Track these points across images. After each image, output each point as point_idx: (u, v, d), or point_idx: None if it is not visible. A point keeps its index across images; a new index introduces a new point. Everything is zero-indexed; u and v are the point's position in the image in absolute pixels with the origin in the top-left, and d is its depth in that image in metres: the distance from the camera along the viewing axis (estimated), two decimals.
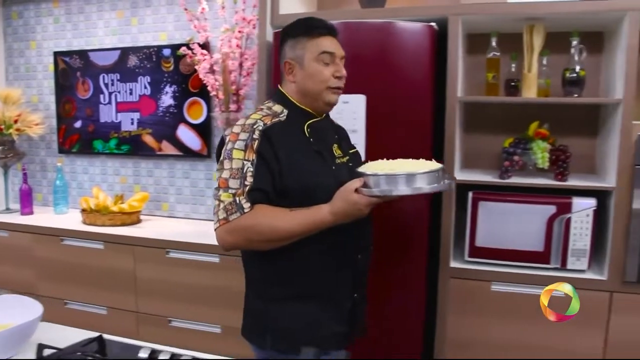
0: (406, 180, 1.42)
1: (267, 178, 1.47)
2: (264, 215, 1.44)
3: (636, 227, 2.14)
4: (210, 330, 2.67)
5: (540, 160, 2.28)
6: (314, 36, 1.59)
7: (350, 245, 1.61)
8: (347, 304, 1.64)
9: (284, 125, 1.55)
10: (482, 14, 2.24)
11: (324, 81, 1.59)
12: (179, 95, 3.02)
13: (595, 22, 2.26)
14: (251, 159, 1.46)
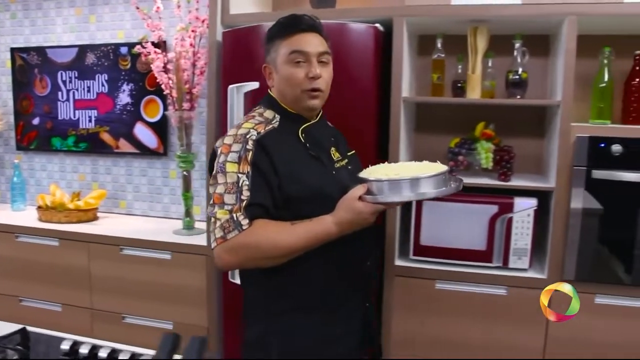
0: (411, 185, 1.35)
1: (264, 191, 1.38)
2: (264, 231, 1.35)
3: (574, 227, 2.17)
4: (162, 326, 2.68)
5: (484, 160, 2.32)
6: (287, 35, 1.48)
7: (357, 254, 1.52)
8: (359, 315, 1.57)
9: (277, 133, 1.45)
10: (427, 15, 2.26)
11: (297, 84, 1.47)
12: (136, 93, 3.01)
13: (539, 25, 2.29)
14: (246, 172, 1.37)
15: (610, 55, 2.24)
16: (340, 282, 1.50)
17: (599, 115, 2.26)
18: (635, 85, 2.29)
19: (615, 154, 2.11)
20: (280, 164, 1.40)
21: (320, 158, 1.50)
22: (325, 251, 1.41)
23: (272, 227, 1.37)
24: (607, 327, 2.20)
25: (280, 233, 1.36)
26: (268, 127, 1.45)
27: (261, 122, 1.46)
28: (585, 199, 2.16)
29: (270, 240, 1.35)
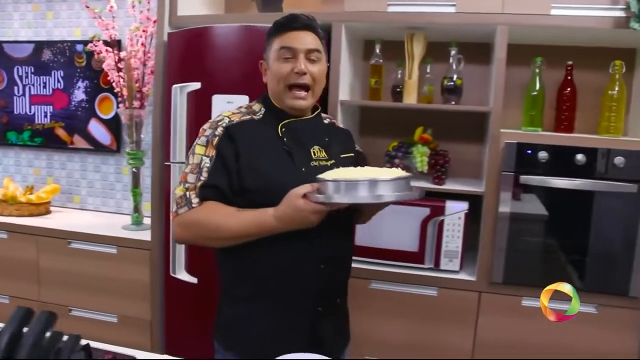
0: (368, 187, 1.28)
1: (222, 175, 1.41)
2: (210, 212, 1.40)
3: (502, 231, 2.22)
4: (107, 319, 2.72)
5: (419, 164, 2.36)
6: (280, 33, 1.48)
7: (310, 254, 1.47)
8: (308, 317, 1.50)
9: (256, 124, 1.48)
10: (364, 21, 2.31)
11: (282, 79, 1.46)
12: (91, 90, 3.04)
13: (475, 34, 2.34)
14: (210, 155, 1.42)
15: (541, 64, 2.30)
16: (290, 278, 1.47)
17: (530, 123, 2.31)
18: (567, 94, 2.34)
19: (542, 160, 2.16)
20: (243, 152, 1.42)
21: (292, 153, 1.47)
22: (278, 244, 1.41)
23: (219, 210, 1.40)
24: (533, 328, 2.25)
25: (225, 217, 1.39)
26: (245, 117, 1.48)
27: (240, 113, 1.51)
28: (512, 203, 2.21)
29: (214, 221, 1.39)
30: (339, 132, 1.71)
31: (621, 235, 2.18)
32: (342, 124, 2.38)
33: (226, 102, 2.33)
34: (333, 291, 1.56)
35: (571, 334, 2.22)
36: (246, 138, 1.44)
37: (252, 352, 1.49)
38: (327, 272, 1.50)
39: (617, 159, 2.12)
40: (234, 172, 1.42)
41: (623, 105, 2.25)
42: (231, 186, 1.42)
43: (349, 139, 1.72)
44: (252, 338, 1.50)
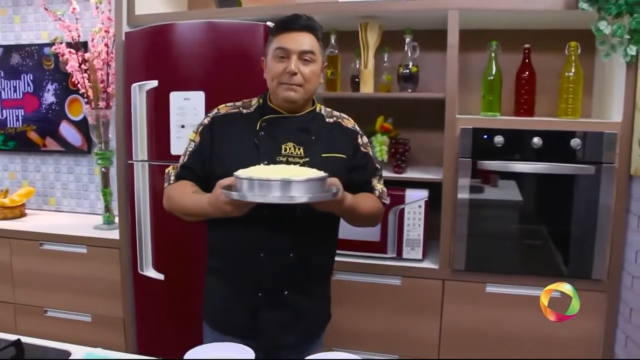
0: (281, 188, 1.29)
1: (197, 159, 1.60)
2: (177, 190, 1.59)
3: (461, 217, 2.20)
4: (81, 319, 2.72)
5: (379, 153, 2.34)
6: (280, 33, 1.55)
7: (251, 242, 1.54)
8: (249, 300, 1.57)
9: (241, 117, 1.62)
10: (316, 12, 2.28)
11: (274, 77, 1.54)
12: (60, 92, 3.03)
13: (428, 20, 2.30)
14: (196, 141, 1.62)
15: (497, 48, 2.27)
16: (237, 260, 1.59)
17: (488, 108, 2.28)
18: (525, 78, 2.31)
19: (498, 145, 2.14)
20: (217, 141, 1.59)
21: (259, 147, 1.54)
22: (232, 227, 1.53)
23: (182, 189, 1.57)
24: (499, 314, 2.23)
25: (184, 196, 1.56)
26: (232, 110, 1.64)
27: (232, 106, 1.66)
28: (471, 189, 2.19)
29: (178, 198, 1.57)
30: (343, 132, 1.67)
31: (582, 218, 2.15)
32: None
33: (183, 98, 2.32)
34: (277, 282, 1.56)
35: (535, 319, 2.18)
36: (225, 129, 1.60)
37: (211, 321, 1.67)
38: (268, 262, 1.54)
39: (573, 141, 2.09)
40: (206, 157, 1.59)
41: (580, 86, 2.22)
42: (204, 170, 1.60)
43: (351, 140, 1.67)
44: (211, 308, 1.68)
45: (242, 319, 1.59)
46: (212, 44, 2.28)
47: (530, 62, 2.31)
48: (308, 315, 1.63)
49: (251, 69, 2.22)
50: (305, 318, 1.63)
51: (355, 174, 1.63)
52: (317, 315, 1.69)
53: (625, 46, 1.99)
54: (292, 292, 1.58)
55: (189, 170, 1.61)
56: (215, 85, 2.28)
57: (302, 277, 1.59)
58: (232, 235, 1.57)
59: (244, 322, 1.58)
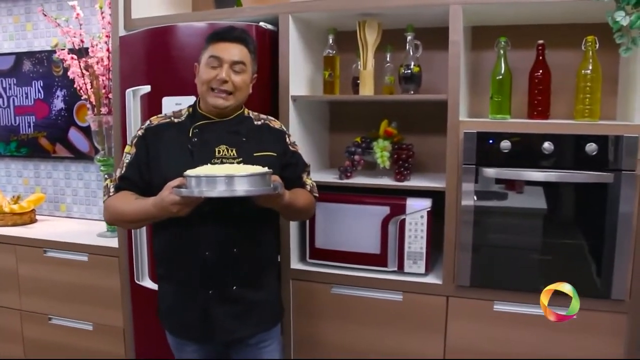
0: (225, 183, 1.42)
1: (135, 169, 1.65)
2: (117, 200, 1.63)
3: (466, 229, 2.01)
4: (84, 327, 2.67)
5: (380, 159, 2.19)
6: (214, 42, 1.66)
7: (195, 241, 1.64)
8: (200, 299, 1.67)
9: (172, 126, 1.70)
10: (312, 11, 2.15)
11: (205, 82, 1.64)
12: (69, 99, 3.02)
13: (430, 17, 2.12)
14: (131, 153, 1.67)
15: (506, 45, 2.07)
16: (182, 261, 1.67)
17: (497, 110, 2.09)
18: (538, 77, 2.10)
19: (504, 150, 1.95)
20: (152, 151, 1.66)
21: (194, 152, 1.64)
22: (172, 230, 1.65)
23: (123, 198, 1.63)
24: (508, 335, 2.04)
25: (124, 204, 1.61)
26: (164, 121, 1.72)
27: (163, 117, 1.74)
28: (475, 199, 2.00)
29: (118, 207, 1.63)
30: (271, 132, 1.80)
31: (600, 231, 1.93)
32: (296, 120, 2.25)
33: (175, 103, 2.22)
34: (225, 278, 1.66)
35: (549, 341, 2.00)
36: (158, 138, 1.67)
37: (168, 327, 1.77)
38: (214, 259, 1.64)
39: (588, 145, 1.87)
40: (144, 166, 1.66)
41: (599, 85, 1.99)
42: (142, 179, 1.66)
43: (280, 139, 1.80)
44: (163, 314, 1.76)
45: (195, 320, 1.68)
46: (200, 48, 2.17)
47: (544, 60, 2.09)
48: (259, 306, 1.74)
49: None
50: (257, 309, 1.73)
51: (286, 171, 1.74)
52: (268, 304, 1.79)
53: None
54: (241, 286, 1.68)
55: (127, 181, 1.66)
56: None
57: (247, 269, 1.70)
58: (176, 238, 1.66)
59: (197, 322, 1.68)
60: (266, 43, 2.16)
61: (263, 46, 2.13)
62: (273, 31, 2.20)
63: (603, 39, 1.94)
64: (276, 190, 1.50)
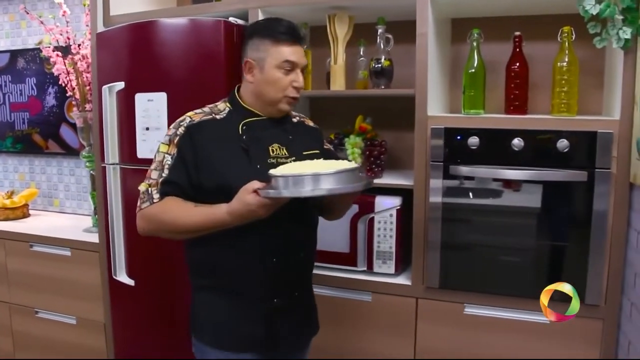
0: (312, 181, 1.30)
1: (182, 172, 1.47)
2: (169, 207, 1.45)
3: (434, 229, 1.94)
4: (68, 321, 2.69)
5: (351, 156, 2.13)
6: (279, 42, 1.50)
7: (262, 247, 1.51)
8: (263, 308, 1.53)
9: (217, 123, 1.53)
10: (280, 5, 2.11)
11: (282, 89, 1.51)
12: (60, 95, 3.04)
13: (401, 9, 2.04)
14: (172, 153, 1.48)
15: (479, 37, 1.98)
16: (244, 271, 1.52)
17: (471, 105, 2.00)
18: (515, 70, 2.00)
19: (473, 147, 1.87)
20: (201, 150, 1.47)
21: (249, 151, 1.50)
22: (233, 238, 1.46)
23: (177, 205, 1.45)
24: (479, 339, 1.96)
25: (182, 212, 1.44)
26: (206, 117, 1.53)
27: (202, 113, 1.55)
28: (444, 198, 1.93)
29: (172, 216, 1.44)
30: (308, 131, 1.71)
31: (573, 232, 1.84)
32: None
33: (147, 100, 2.22)
34: (290, 284, 1.58)
35: (522, 347, 1.91)
36: (206, 137, 1.49)
37: (215, 342, 1.54)
38: (281, 265, 1.53)
39: (560, 142, 1.78)
40: (192, 169, 1.47)
41: (576, 78, 1.89)
42: (190, 182, 1.47)
43: (317, 137, 1.72)
44: (213, 328, 1.55)
45: (258, 332, 1.54)
46: (172, 43, 2.16)
47: (521, 52, 1.99)
48: (314, 310, 1.73)
49: (212, 67, 2.10)
50: (313, 313, 1.72)
51: None
52: (316, 308, 1.75)
53: (617, 29, 1.66)
54: (301, 291, 1.63)
55: (173, 185, 1.47)
56: (177, 85, 2.16)
57: (308, 274, 1.67)
58: (230, 247, 1.50)
59: (260, 334, 1.54)
60: (237, 39, 2.12)
61: (234, 42, 2.10)
62: (245, 26, 2.16)
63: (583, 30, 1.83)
64: (368, 186, 1.39)
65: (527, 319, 1.88)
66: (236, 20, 2.12)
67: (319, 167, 1.35)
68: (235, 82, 2.10)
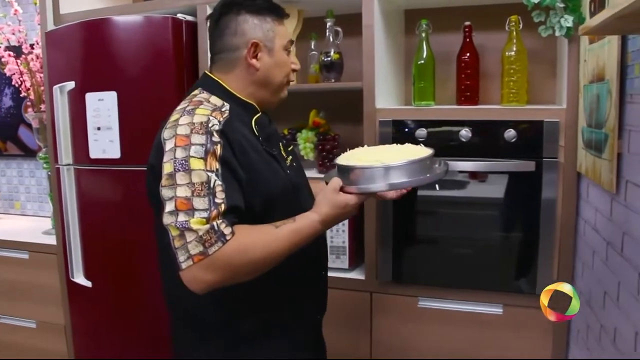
0: (409, 171, 1.19)
1: (238, 192, 1.13)
2: (250, 239, 1.09)
3: (386, 223, 1.92)
4: (27, 325, 2.64)
5: (303, 151, 2.10)
6: (280, 21, 1.29)
7: (317, 262, 1.38)
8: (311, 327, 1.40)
9: (238, 124, 1.20)
10: None
11: (287, 73, 1.32)
12: (16, 96, 2.96)
13: (347, 3, 2.01)
14: (215, 169, 1.09)
15: (428, 28, 1.95)
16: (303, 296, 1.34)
17: (421, 97, 1.98)
18: (465, 61, 1.98)
19: (420, 138, 1.84)
20: (243, 161, 1.16)
21: (276, 156, 1.27)
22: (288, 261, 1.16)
23: (257, 234, 1.11)
24: (434, 332, 1.94)
25: (267, 239, 1.11)
26: (226, 116, 1.18)
27: (216, 109, 1.18)
28: None
29: (259, 249, 1.09)
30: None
31: (522, 222, 1.82)
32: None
33: (98, 99, 2.17)
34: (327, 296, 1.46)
35: (476, 338, 1.90)
36: (239, 143, 1.16)
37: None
38: (326, 278, 1.44)
39: (507, 132, 1.76)
40: (244, 186, 1.15)
41: (524, 67, 1.87)
42: (245, 203, 1.15)
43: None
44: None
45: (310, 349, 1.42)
46: (121, 41, 2.12)
47: (471, 42, 1.97)
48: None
49: (161, 65, 2.06)
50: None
51: None
52: None
53: (559, 17, 1.64)
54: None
55: (238, 211, 1.12)
56: (127, 84, 2.12)
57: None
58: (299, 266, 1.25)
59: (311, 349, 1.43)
60: (186, 35, 2.09)
61: (182, 38, 2.06)
62: (194, 23, 2.12)
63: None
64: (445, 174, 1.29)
65: (480, 311, 1.87)
66: (184, 17, 2.09)
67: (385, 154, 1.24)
68: (187, 78, 2.10)
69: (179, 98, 2.01)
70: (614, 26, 1.04)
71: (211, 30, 1.30)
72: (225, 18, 1.25)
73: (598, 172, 1.43)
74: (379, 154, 1.26)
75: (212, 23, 1.29)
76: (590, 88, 1.51)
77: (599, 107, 1.41)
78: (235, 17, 1.24)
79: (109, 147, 2.16)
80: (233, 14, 1.25)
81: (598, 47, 1.43)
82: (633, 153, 1.20)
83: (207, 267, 1.05)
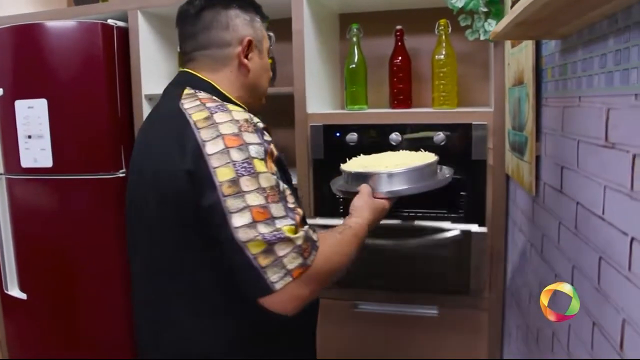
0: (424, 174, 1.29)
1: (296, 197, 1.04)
2: (328, 246, 0.98)
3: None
4: None
5: None
6: (265, 21, 1.19)
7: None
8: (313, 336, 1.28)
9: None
10: (161, 6, 2.00)
11: (269, 80, 1.23)
12: None
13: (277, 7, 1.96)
14: (275, 171, 0.97)
15: (359, 32, 1.92)
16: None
17: (353, 101, 1.94)
18: (397, 64, 1.95)
19: (351, 143, 1.80)
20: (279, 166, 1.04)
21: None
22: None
23: (330, 240, 1.01)
24: (371, 336, 1.91)
25: (340, 245, 1.03)
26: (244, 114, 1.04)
27: (241, 109, 1.06)
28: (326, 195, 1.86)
29: (338, 255, 1.00)
30: None
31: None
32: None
33: (27, 106, 2.07)
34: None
35: (412, 340, 1.87)
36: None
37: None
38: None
39: (436, 136, 1.73)
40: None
41: (454, 71, 1.85)
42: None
43: None
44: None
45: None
46: (51, 47, 2.02)
47: (403, 46, 1.95)
48: None
49: (91, 71, 1.98)
50: None
51: None
52: None
53: (483, 21, 1.63)
54: None
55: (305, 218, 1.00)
56: (57, 91, 2.02)
57: None
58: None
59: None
60: (118, 41, 2.01)
61: (113, 44, 1.99)
62: (125, 28, 2.05)
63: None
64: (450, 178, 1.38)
65: (417, 313, 1.84)
66: (115, 22, 2.01)
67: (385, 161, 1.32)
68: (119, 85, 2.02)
69: (111, 105, 1.98)
70: (516, 32, 1.03)
71: (189, 24, 1.12)
72: (211, 11, 1.10)
73: (521, 175, 1.41)
74: (380, 160, 1.34)
75: (189, 16, 1.11)
76: (513, 91, 1.50)
77: (520, 110, 1.39)
78: (224, 10, 1.10)
79: (41, 155, 2.07)
80: (221, 7, 1.11)
81: (518, 52, 1.42)
82: (549, 156, 1.19)
83: (308, 280, 0.92)
